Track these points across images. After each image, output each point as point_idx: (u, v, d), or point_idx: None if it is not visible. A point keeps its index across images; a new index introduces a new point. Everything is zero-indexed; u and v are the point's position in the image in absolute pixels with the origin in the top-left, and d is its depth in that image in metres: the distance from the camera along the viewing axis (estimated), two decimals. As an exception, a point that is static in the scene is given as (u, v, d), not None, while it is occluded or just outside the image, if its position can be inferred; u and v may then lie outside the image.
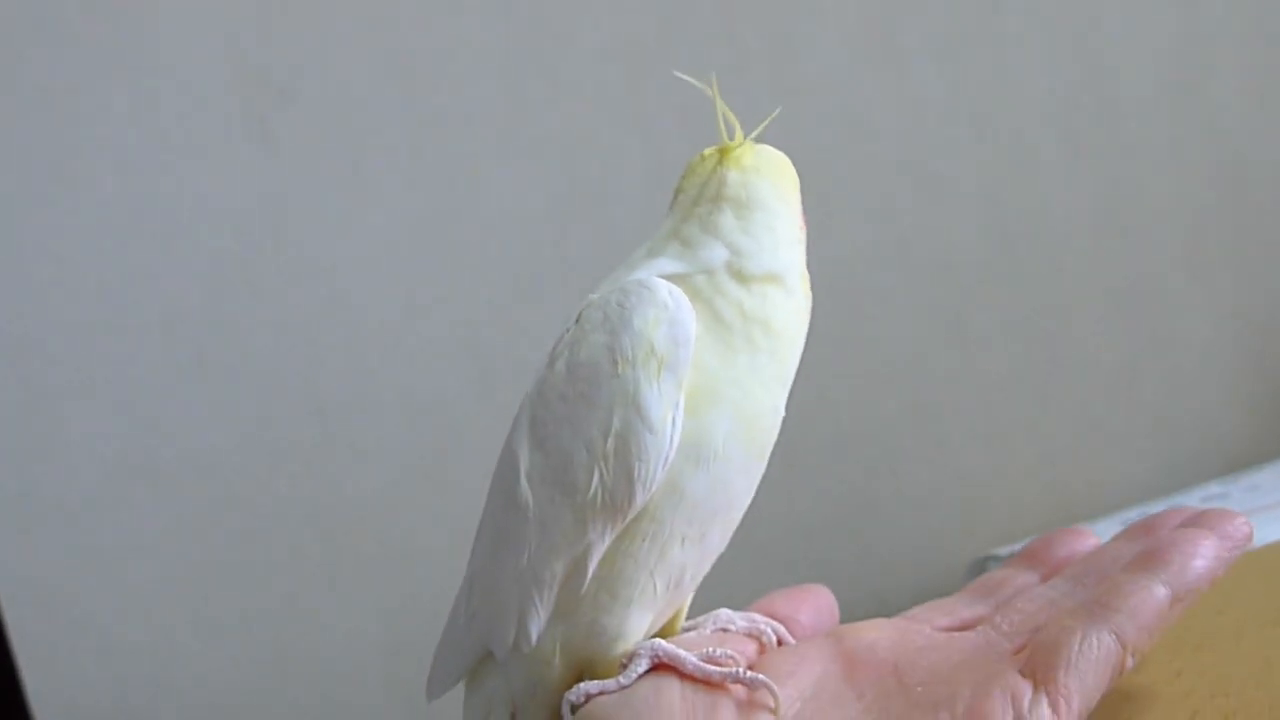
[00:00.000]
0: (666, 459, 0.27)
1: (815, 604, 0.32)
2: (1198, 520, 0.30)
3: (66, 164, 0.83)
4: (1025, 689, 0.25)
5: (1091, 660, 0.25)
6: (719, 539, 0.29)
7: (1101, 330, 1.07)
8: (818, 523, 1.00)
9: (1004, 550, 1.00)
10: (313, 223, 0.88)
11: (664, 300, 0.27)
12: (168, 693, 0.87)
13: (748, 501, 0.29)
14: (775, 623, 0.30)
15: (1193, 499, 0.99)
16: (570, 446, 0.27)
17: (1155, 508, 0.99)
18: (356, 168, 0.89)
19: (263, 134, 0.86)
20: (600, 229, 0.94)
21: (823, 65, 0.98)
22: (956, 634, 0.28)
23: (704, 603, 0.37)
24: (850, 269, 1.00)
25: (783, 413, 0.29)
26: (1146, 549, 0.28)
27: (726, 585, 0.93)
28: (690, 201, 0.30)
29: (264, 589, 0.89)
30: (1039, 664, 0.25)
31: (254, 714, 0.89)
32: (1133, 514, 0.99)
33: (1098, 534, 1.04)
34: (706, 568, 0.29)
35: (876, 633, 0.28)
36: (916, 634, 0.28)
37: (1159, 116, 1.07)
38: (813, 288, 0.29)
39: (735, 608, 0.32)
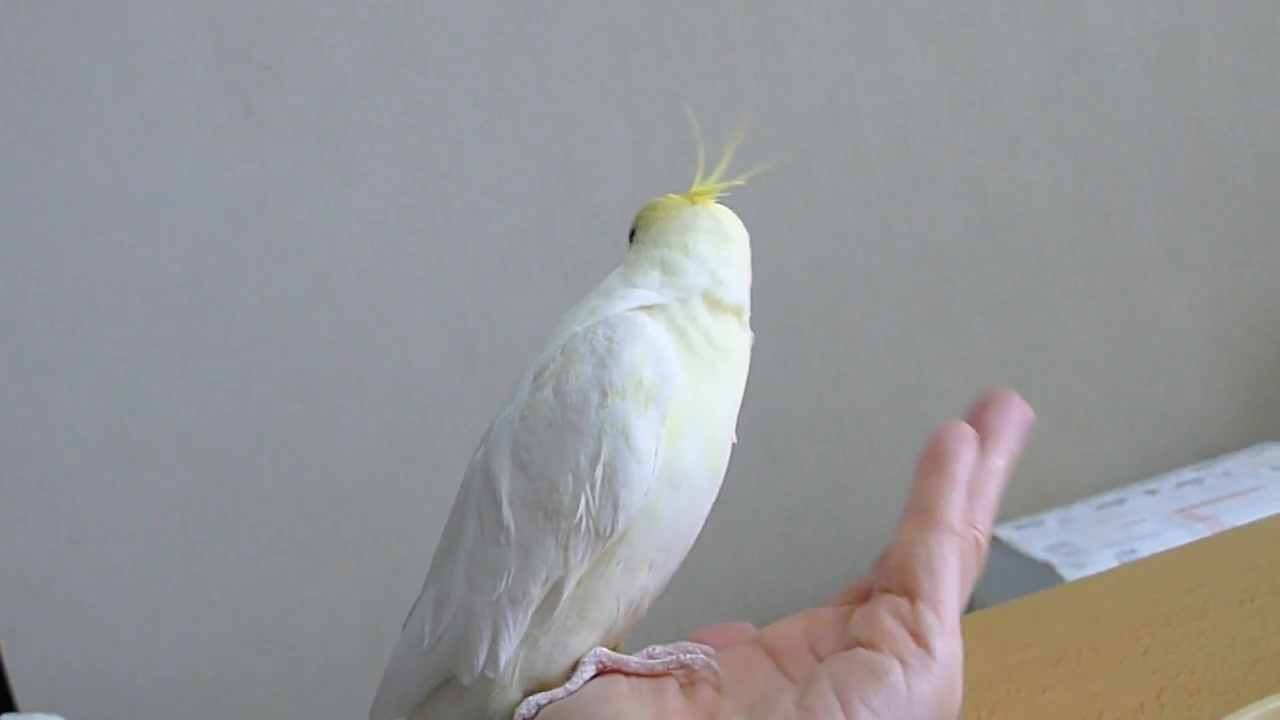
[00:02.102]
0: (649, 487, 0.28)
1: (740, 638, 0.33)
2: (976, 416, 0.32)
3: (48, 143, 0.83)
4: (904, 604, 0.27)
5: (941, 558, 0.27)
6: (677, 563, 0.30)
7: (1080, 316, 1.08)
8: (798, 504, 1.01)
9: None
10: (296, 202, 0.88)
11: (651, 337, 0.28)
12: (148, 670, 0.87)
13: (701, 526, 0.30)
14: (703, 645, 0.31)
15: (1166, 484, 1.00)
16: (557, 471, 0.28)
17: (1130, 492, 1.01)
18: (340, 147, 0.89)
19: (246, 112, 0.86)
20: (585, 212, 0.94)
21: (808, 51, 0.98)
22: (857, 605, 0.30)
23: (689, 580, 0.38)
24: (833, 253, 1.00)
25: (734, 439, 0.30)
26: (926, 452, 0.30)
27: (711, 563, 0.94)
28: (664, 231, 0.32)
29: (246, 567, 0.89)
30: (905, 583, 0.27)
31: (235, 691, 0.89)
32: (1108, 498, 1.00)
33: (1073, 519, 1.04)
34: (660, 591, 0.30)
35: (790, 625, 0.30)
36: (823, 614, 0.30)
37: (1141, 104, 1.08)
38: (796, 272, 0.30)
39: (714, 589, 0.33)
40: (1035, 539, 0.93)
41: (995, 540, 0.98)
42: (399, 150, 0.90)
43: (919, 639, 0.26)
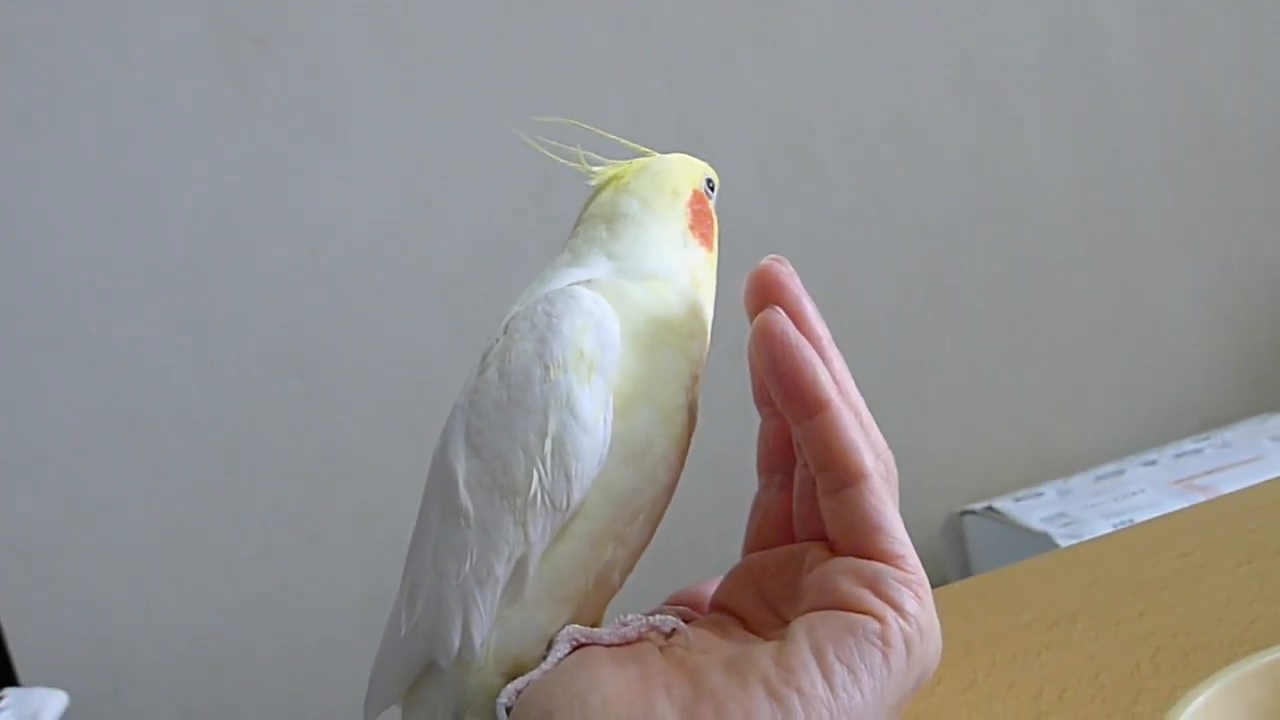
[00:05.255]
0: (601, 456, 0.28)
1: (707, 594, 0.33)
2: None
3: (44, 119, 0.82)
4: (864, 567, 0.26)
5: (880, 508, 0.27)
6: (645, 535, 0.30)
7: (1080, 290, 1.08)
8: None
9: (978, 506, 1.01)
10: (293, 177, 0.88)
11: (589, 307, 0.29)
12: (150, 644, 0.88)
13: (670, 497, 0.30)
14: (676, 609, 0.31)
15: (1165, 456, 1.00)
16: (507, 450, 0.28)
17: (1130, 464, 1.01)
18: (338, 123, 0.88)
19: (242, 86, 0.86)
20: (583, 189, 0.94)
21: (809, 27, 0.97)
22: (789, 549, 0.30)
23: (691, 561, 0.38)
24: (832, 229, 1.00)
25: (697, 405, 0.30)
26: (786, 397, 0.28)
27: (710, 540, 0.94)
28: (579, 221, 0.34)
29: (244, 542, 0.89)
30: (856, 546, 0.27)
31: (236, 664, 0.90)
32: (1107, 469, 1.00)
33: (1071, 490, 1.04)
34: (633, 564, 0.30)
35: (736, 582, 0.31)
36: (758, 564, 0.31)
37: (1142, 79, 1.07)
38: (795, 247, 0.30)
39: (717, 568, 0.33)
40: (1033, 510, 0.93)
41: (993, 511, 0.99)
42: (396, 126, 0.89)
43: (889, 600, 0.25)
